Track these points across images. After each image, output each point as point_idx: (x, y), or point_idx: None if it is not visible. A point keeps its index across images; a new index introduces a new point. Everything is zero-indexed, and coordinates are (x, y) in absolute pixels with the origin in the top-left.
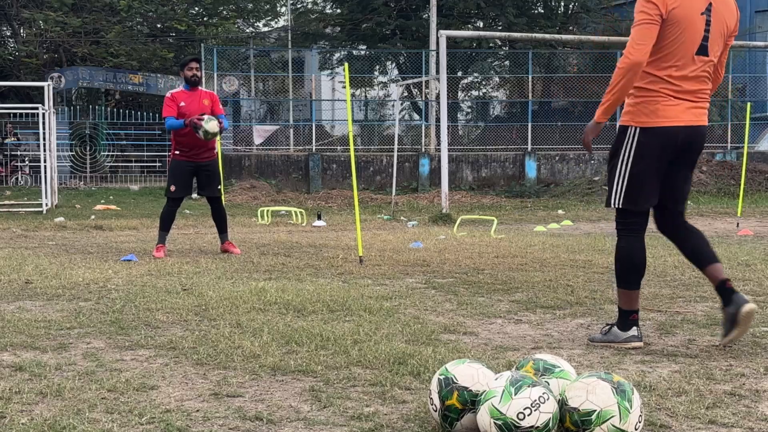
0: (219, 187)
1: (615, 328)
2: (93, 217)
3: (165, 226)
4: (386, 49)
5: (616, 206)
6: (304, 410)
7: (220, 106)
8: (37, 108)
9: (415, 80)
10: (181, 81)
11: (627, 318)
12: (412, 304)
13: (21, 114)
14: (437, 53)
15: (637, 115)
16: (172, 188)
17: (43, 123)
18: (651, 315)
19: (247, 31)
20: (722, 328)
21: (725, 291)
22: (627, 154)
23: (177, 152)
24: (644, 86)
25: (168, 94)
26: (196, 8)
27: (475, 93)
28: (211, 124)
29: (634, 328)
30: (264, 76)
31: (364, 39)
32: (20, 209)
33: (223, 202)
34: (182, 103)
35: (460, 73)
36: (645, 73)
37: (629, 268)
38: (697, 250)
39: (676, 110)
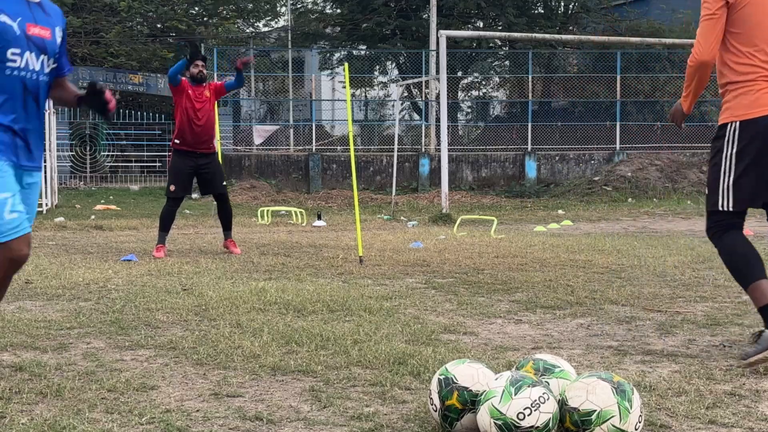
0: (224, 183)
1: (766, 332)
2: (93, 217)
3: (165, 226)
4: (386, 49)
5: (725, 209)
6: (304, 410)
7: (221, 82)
8: None
9: (415, 80)
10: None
11: None
12: (412, 304)
13: None
14: (437, 53)
15: (735, 110)
16: (172, 188)
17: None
18: (651, 315)
19: (247, 31)
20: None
21: None
22: (729, 151)
23: (177, 141)
24: (737, 79)
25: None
26: (196, 8)
27: (475, 93)
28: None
29: None
30: (264, 76)
31: (364, 39)
32: None
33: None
34: (189, 90)
35: (460, 73)
36: (734, 65)
37: (743, 261)
38: None
39: None
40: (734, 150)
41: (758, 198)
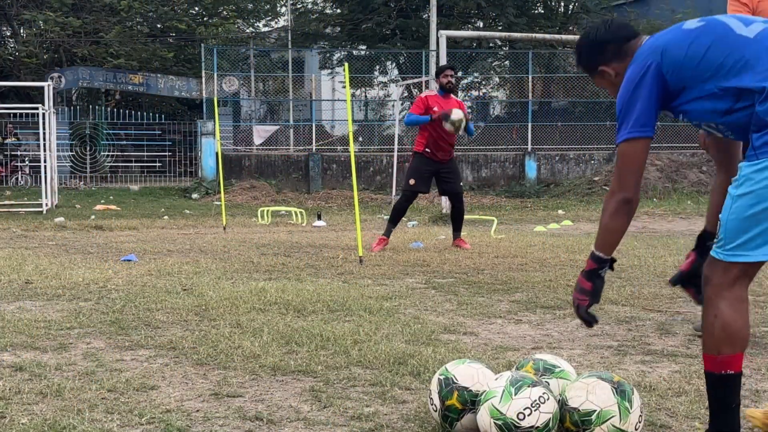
0: (461, 183)
1: None
2: (93, 217)
3: (394, 218)
4: (386, 49)
5: None
6: (304, 410)
7: (467, 112)
8: (37, 108)
9: (415, 80)
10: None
11: None
12: (412, 304)
13: (21, 114)
14: (437, 53)
15: None
16: (411, 181)
17: (43, 123)
18: (651, 315)
19: (247, 31)
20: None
21: None
22: None
23: (426, 150)
24: None
25: (421, 95)
26: (196, 8)
27: (475, 93)
28: (455, 113)
29: None
30: (264, 76)
31: (364, 39)
32: (20, 209)
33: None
34: (435, 108)
35: (460, 73)
36: None
37: None
38: None
39: None
40: None
41: None
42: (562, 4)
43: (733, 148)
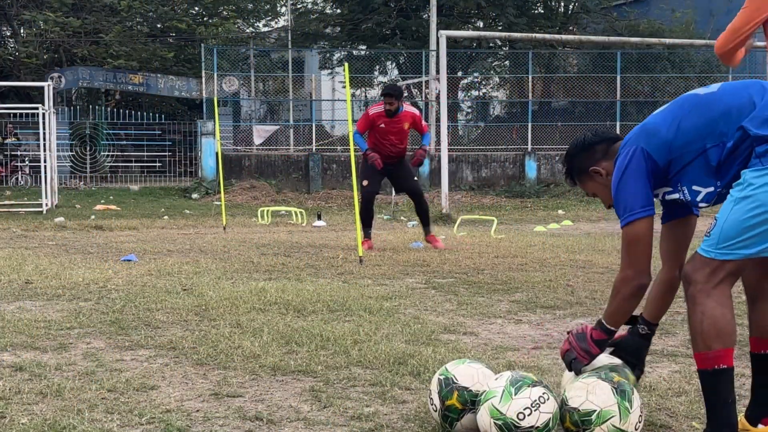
0: (415, 178)
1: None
2: (93, 217)
3: (366, 222)
4: (386, 49)
5: None
6: (304, 410)
7: (424, 123)
8: (37, 108)
9: (415, 80)
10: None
11: None
12: (412, 304)
13: (21, 114)
14: (437, 53)
15: None
16: (365, 182)
17: (43, 123)
18: None
19: (247, 31)
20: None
21: None
22: None
23: (373, 152)
24: None
25: (369, 110)
26: (196, 8)
27: (475, 93)
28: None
29: None
30: (264, 76)
31: (364, 39)
32: (20, 209)
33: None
34: (381, 125)
35: (460, 73)
36: None
37: None
38: None
39: None
40: None
41: None
42: (562, 4)
43: (683, 238)
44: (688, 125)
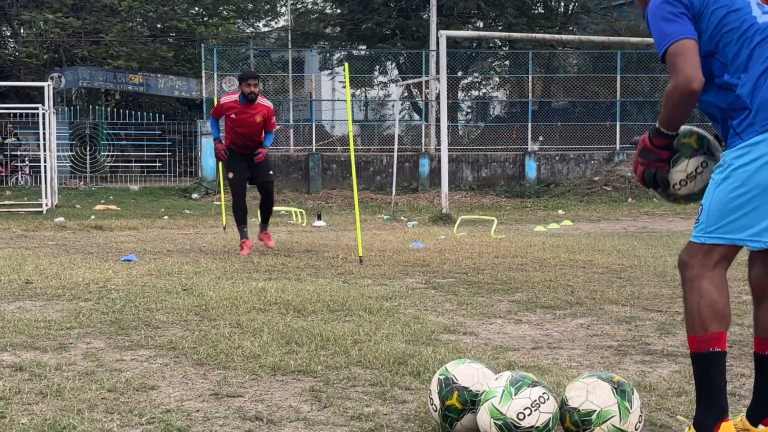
0: (270, 172)
1: None
2: (93, 217)
3: (240, 218)
4: (386, 49)
5: None
6: (304, 410)
7: (274, 120)
8: (37, 108)
9: (415, 80)
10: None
11: None
12: (412, 304)
13: (21, 114)
14: (437, 53)
15: None
16: (230, 175)
17: (43, 123)
18: (651, 315)
19: (247, 31)
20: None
21: None
22: None
23: (231, 146)
24: None
25: (221, 99)
26: (196, 8)
27: (475, 93)
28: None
29: None
30: (264, 76)
31: (364, 39)
32: (20, 209)
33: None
34: (233, 115)
35: (460, 73)
36: None
37: None
38: None
39: None
40: None
41: None
42: (562, 4)
43: None
44: (725, 51)
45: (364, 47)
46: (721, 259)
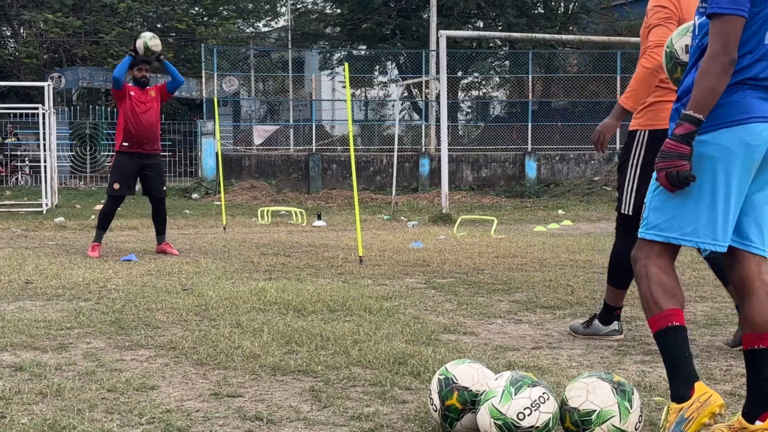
0: (164, 188)
1: (596, 321)
2: (93, 217)
3: (103, 225)
4: (386, 49)
5: (626, 212)
6: (304, 410)
7: (166, 84)
8: (37, 108)
9: (415, 80)
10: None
11: (611, 312)
12: (412, 304)
13: (21, 114)
14: (437, 53)
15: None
16: (116, 185)
17: (43, 123)
18: None
19: (247, 31)
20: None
21: None
22: (637, 159)
23: (124, 143)
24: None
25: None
26: (196, 8)
27: (475, 93)
28: (150, 39)
29: (616, 322)
30: (264, 76)
31: (364, 39)
32: (20, 209)
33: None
34: (132, 93)
35: (460, 73)
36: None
37: (620, 268)
38: None
39: None
40: (641, 158)
41: None
42: (562, 4)
43: None
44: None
45: (364, 47)
46: (663, 250)
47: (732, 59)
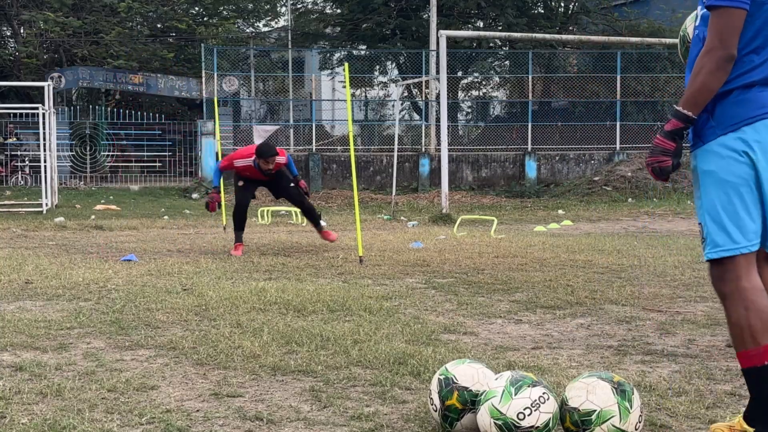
0: (291, 184)
1: None
2: (93, 217)
3: (239, 225)
4: (386, 49)
5: None
6: (304, 410)
7: (291, 169)
8: (37, 108)
9: (415, 80)
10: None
11: None
12: (412, 304)
13: (21, 114)
14: (437, 53)
15: None
16: (240, 183)
17: (43, 123)
18: (651, 315)
19: (247, 31)
20: None
21: None
22: None
23: (240, 183)
24: None
25: (234, 156)
26: (196, 8)
27: (475, 93)
28: None
29: None
30: (264, 76)
31: (364, 39)
32: (20, 209)
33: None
34: (247, 173)
35: (460, 73)
36: None
37: None
38: None
39: None
40: None
41: None
42: (562, 4)
43: None
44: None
45: (364, 47)
46: (746, 266)
47: (729, 55)
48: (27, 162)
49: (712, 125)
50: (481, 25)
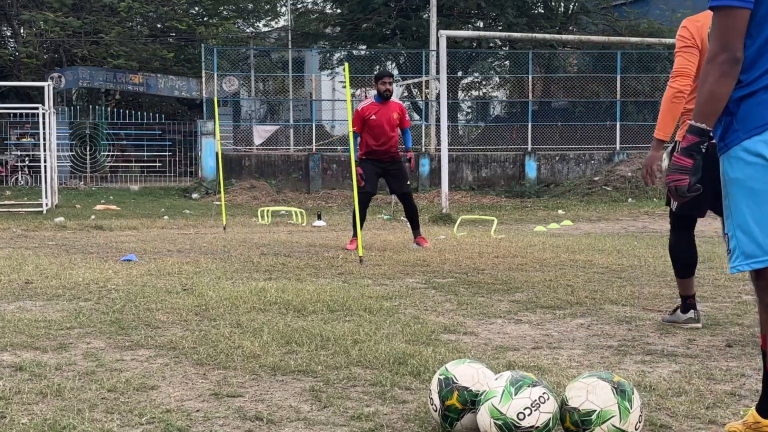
0: (408, 182)
1: (678, 311)
2: (93, 217)
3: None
4: (386, 49)
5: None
6: (304, 410)
7: (407, 118)
8: (37, 108)
9: (415, 80)
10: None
11: (684, 302)
12: (412, 304)
13: (21, 114)
14: (437, 53)
15: None
16: (362, 183)
17: (43, 123)
18: (651, 315)
19: (247, 31)
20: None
21: None
22: None
23: (363, 157)
24: None
25: (358, 107)
26: (196, 8)
27: (475, 93)
28: None
29: (692, 311)
30: (264, 76)
31: (364, 39)
32: (20, 209)
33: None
34: (372, 116)
35: (460, 73)
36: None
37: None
38: None
39: None
40: None
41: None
42: (562, 4)
43: None
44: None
45: (364, 47)
46: None
47: (734, 58)
48: (27, 162)
49: (736, 129)
50: (481, 25)
